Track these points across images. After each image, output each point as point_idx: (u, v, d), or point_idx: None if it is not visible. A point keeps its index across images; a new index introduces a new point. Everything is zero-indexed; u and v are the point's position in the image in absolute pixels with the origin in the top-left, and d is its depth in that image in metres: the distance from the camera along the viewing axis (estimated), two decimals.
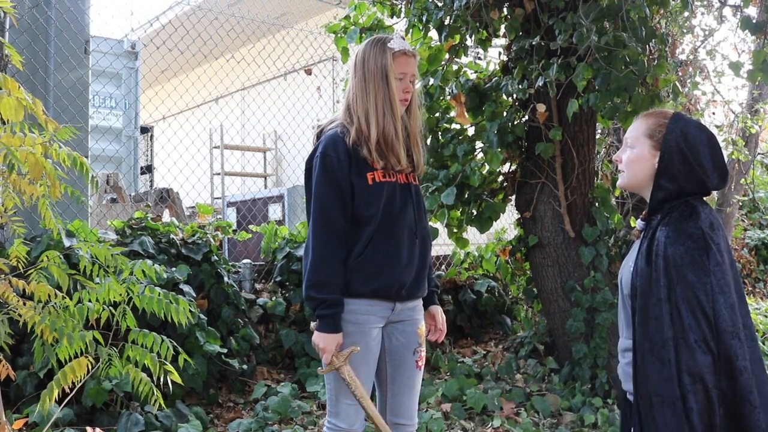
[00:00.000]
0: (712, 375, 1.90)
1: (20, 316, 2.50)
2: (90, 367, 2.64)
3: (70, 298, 2.66)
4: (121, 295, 2.75)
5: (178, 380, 2.78)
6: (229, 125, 11.15)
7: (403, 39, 2.63)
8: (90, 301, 2.73)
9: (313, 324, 2.51)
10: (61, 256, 2.77)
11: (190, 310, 2.85)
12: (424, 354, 2.74)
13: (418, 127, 2.71)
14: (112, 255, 2.64)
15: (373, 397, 2.71)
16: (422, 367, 2.74)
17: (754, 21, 4.31)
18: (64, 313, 2.59)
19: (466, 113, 4.82)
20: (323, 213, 2.47)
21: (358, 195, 2.51)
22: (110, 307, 2.76)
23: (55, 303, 2.61)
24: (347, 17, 5.02)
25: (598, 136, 5.49)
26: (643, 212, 2.22)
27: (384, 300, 2.56)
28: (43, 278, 2.64)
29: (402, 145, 2.58)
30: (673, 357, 1.93)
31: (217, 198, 10.86)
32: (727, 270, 2.00)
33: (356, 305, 2.51)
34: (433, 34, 4.87)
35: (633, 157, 2.20)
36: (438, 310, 2.85)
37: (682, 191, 2.10)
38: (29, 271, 2.64)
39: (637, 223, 2.24)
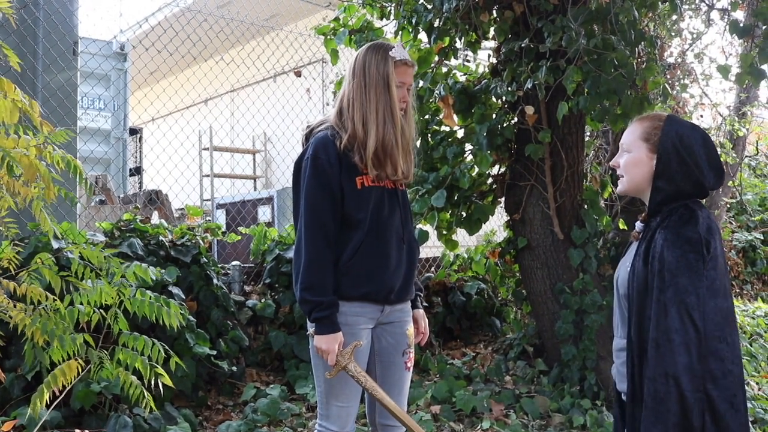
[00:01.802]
0: (691, 378, 1.91)
1: (11, 318, 2.49)
2: (80, 370, 2.63)
3: (62, 301, 2.65)
4: (112, 297, 2.74)
5: (170, 383, 2.77)
6: (219, 127, 11.13)
7: (403, 48, 2.64)
8: (81, 303, 2.72)
9: (311, 329, 2.50)
10: (53, 259, 2.76)
11: (180, 313, 2.85)
12: (412, 355, 2.75)
13: (412, 136, 2.72)
14: (105, 257, 2.63)
15: (362, 399, 2.72)
16: (411, 369, 2.75)
17: (741, 24, 4.34)
18: (55, 315, 2.58)
19: (453, 115, 4.83)
20: (315, 216, 2.47)
21: (348, 198, 2.51)
22: (101, 310, 2.76)
23: (46, 305, 2.60)
24: (337, 19, 5.02)
25: (587, 139, 5.51)
26: (642, 214, 2.24)
27: (373, 303, 2.57)
28: (35, 280, 2.63)
29: (400, 153, 2.58)
30: (654, 357, 1.95)
31: (207, 200, 10.83)
32: (721, 274, 2.02)
33: (346, 307, 2.51)
34: (423, 36, 4.88)
35: (630, 160, 2.21)
36: (421, 314, 2.85)
37: (680, 192, 2.11)
38: (20, 273, 2.63)
39: (636, 225, 2.26)
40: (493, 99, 4.86)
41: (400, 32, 4.87)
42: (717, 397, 1.93)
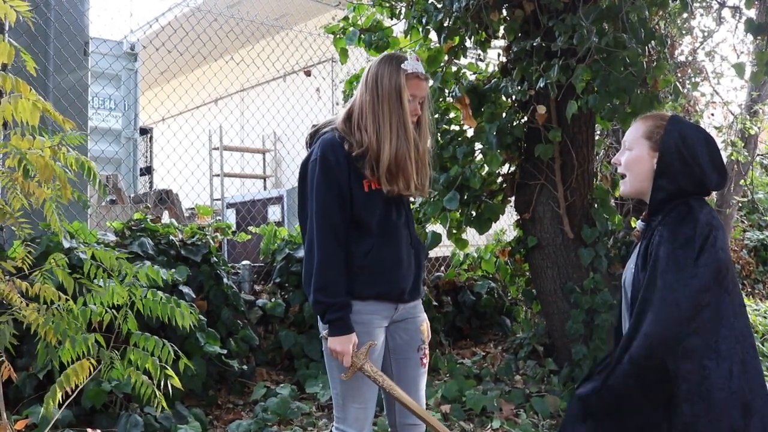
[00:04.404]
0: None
1: (24, 317, 2.51)
2: (91, 370, 2.64)
3: (74, 301, 2.66)
4: (123, 298, 2.75)
5: (178, 385, 2.78)
6: (229, 126, 11.15)
7: (418, 61, 2.59)
8: (94, 303, 2.73)
9: (323, 332, 2.50)
10: (66, 260, 2.77)
11: (190, 312, 2.85)
12: (427, 351, 2.75)
13: (427, 149, 2.68)
14: (116, 258, 2.64)
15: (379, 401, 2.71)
16: (426, 365, 2.74)
17: (755, 22, 4.31)
18: (67, 315, 2.59)
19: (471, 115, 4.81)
20: (325, 217, 2.46)
21: (357, 201, 2.50)
22: (113, 310, 2.77)
23: (59, 305, 2.61)
24: (346, 18, 5.01)
25: (597, 138, 5.49)
26: (644, 213, 2.23)
27: (387, 301, 2.57)
28: (48, 280, 2.64)
29: (413, 167, 2.55)
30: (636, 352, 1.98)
31: (217, 199, 10.85)
32: (724, 270, 2.00)
33: (360, 306, 2.50)
34: (433, 35, 4.86)
35: (632, 158, 2.21)
36: (423, 318, 2.84)
37: (681, 191, 2.10)
38: (33, 273, 2.64)
39: (638, 225, 2.25)
40: (503, 98, 4.85)
41: (410, 32, 4.86)
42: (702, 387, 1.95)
